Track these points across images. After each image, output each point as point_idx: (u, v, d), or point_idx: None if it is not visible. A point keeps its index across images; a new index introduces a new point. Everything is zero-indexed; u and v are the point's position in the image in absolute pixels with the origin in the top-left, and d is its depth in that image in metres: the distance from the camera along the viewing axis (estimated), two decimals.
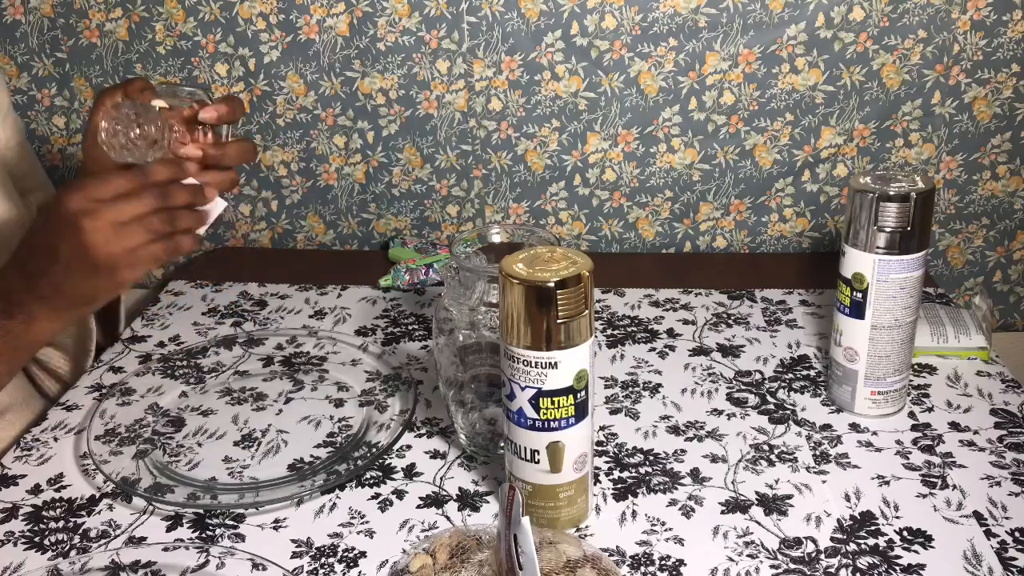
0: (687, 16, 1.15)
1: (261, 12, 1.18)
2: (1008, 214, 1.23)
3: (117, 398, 0.92)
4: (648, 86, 1.18)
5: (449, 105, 1.21)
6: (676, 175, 1.23)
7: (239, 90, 1.22)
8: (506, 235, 0.81)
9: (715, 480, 0.78)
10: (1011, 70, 1.15)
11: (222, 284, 1.17)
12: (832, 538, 0.71)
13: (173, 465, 0.82)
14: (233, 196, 1.29)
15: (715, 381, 0.93)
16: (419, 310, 1.10)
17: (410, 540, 0.73)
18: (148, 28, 1.20)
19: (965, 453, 0.81)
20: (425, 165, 1.25)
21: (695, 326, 1.04)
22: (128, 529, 0.75)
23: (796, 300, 1.09)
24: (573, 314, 0.66)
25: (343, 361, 0.98)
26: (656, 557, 0.70)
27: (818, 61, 1.16)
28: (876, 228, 0.79)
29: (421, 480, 0.80)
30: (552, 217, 1.27)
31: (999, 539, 0.71)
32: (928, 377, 0.93)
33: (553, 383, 0.67)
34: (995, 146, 1.19)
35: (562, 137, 1.22)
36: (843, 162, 1.21)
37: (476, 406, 0.83)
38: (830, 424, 0.86)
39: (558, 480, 0.71)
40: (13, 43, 1.23)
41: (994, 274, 1.27)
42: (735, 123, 1.19)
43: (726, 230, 1.26)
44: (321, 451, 0.84)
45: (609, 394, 0.91)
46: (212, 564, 0.69)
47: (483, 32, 1.17)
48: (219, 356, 0.99)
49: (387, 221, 1.29)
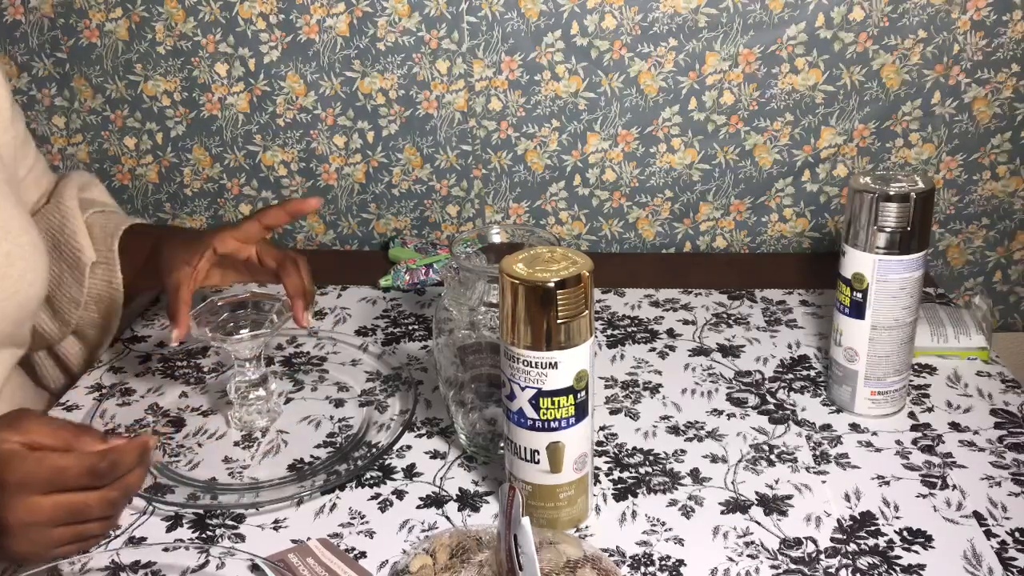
0: (687, 16, 1.15)
1: (261, 12, 1.18)
2: (1008, 214, 1.23)
3: (117, 398, 0.92)
4: (648, 86, 1.18)
5: (449, 105, 1.21)
6: (676, 175, 1.23)
7: (239, 90, 1.22)
8: (506, 235, 0.81)
9: (715, 480, 0.78)
10: (1011, 70, 1.15)
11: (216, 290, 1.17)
12: (832, 538, 0.71)
13: (173, 465, 0.82)
14: (234, 197, 1.29)
15: (715, 381, 0.93)
16: (419, 310, 1.10)
17: (410, 540, 0.73)
18: (148, 28, 1.20)
19: (965, 453, 0.81)
20: (425, 165, 1.25)
21: (695, 326, 1.04)
22: (128, 529, 0.75)
23: (796, 300, 1.09)
24: (573, 314, 0.66)
25: (343, 361, 0.98)
26: (656, 557, 0.70)
27: (818, 61, 1.16)
28: (876, 228, 0.79)
29: (421, 480, 0.80)
30: (552, 217, 1.27)
31: (999, 539, 0.71)
32: (928, 377, 0.93)
33: (553, 383, 0.67)
34: (995, 146, 1.19)
35: (562, 137, 1.22)
36: (843, 162, 1.21)
37: (476, 406, 0.83)
38: (830, 424, 0.86)
39: (558, 480, 0.71)
40: (13, 43, 1.23)
41: (994, 274, 1.27)
42: (735, 123, 1.20)
43: (726, 230, 1.26)
44: (321, 451, 0.84)
45: (609, 394, 0.91)
46: (212, 564, 0.69)
47: (483, 32, 1.17)
48: (219, 356, 0.99)
49: (387, 221, 1.29)
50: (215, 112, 1.24)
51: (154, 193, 1.30)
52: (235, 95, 1.23)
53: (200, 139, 1.26)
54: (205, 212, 1.31)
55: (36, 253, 0.87)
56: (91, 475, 0.65)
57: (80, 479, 0.65)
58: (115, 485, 0.67)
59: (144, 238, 0.95)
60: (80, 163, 1.29)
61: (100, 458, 0.65)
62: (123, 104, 1.25)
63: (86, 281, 0.94)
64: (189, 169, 1.28)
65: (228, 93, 1.23)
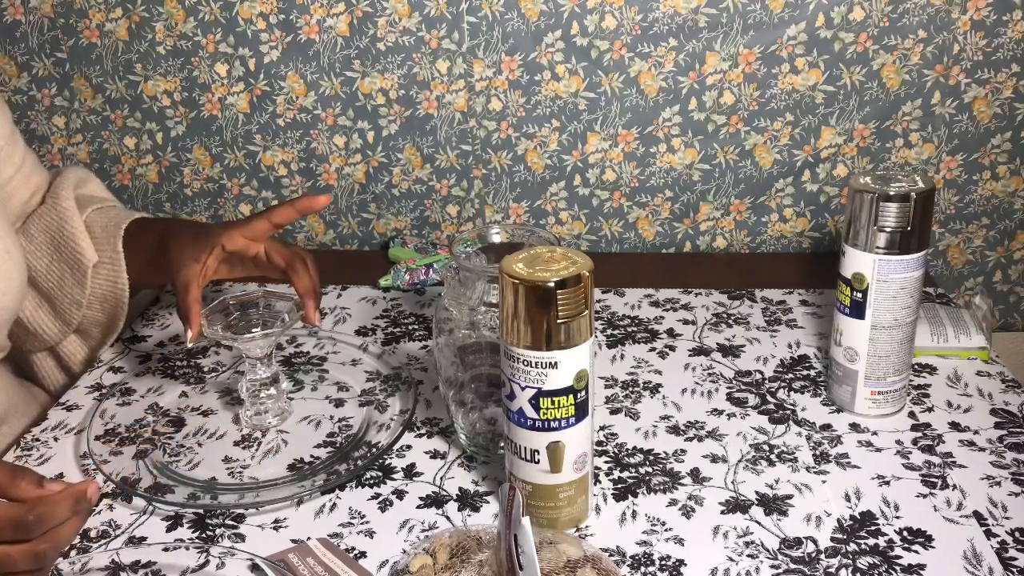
0: (687, 16, 1.15)
1: (261, 12, 1.18)
2: (1008, 214, 1.23)
3: (117, 398, 0.92)
4: (648, 86, 1.18)
5: (449, 105, 1.21)
6: (676, 175, 1.23)
7: (239, 90, 1.22)
8: (506, 235, 0.81)
9: (715, 480, 0.78)
10: (1011, 70, 1.15)
11: (222, 284, 1.17)
12: (832, 538, 0.71)
13: (173, 465, 0.82)
14: (234, 196, 1.29)
15: (715, 381, 0.93)
16: (419, 310, 1.10)
17: (410, 540, 0.73)
18: (148, 28, 1.20)
19: (965, 453, 0.81)
20: (425, 165, 1.25)
21: (695, 326, 1.04)
22: (128, 529, 0.75)
23: (796, 300, 1.09)
24: (573, 314, 0.66)
25: (343, 361, 0.98)
26: (656, 557, 0.70)
27: (818, 61, 1.16)
28: (876, 228, 0.79)
29: (421, 480, 0.80)
30: (552, 217, 1.27)
31: (999, 539, 0.71)
32: (928, 377, 0.93)
33: (553, 383, 0.67)
34: (995, 146, 1.19)
35: (562, 137, 1.22)
36: (843, 162, 1.21)
37: (476, 406, 0.83)
38: (830, 424, 0.86)
39: (558, 480, 0.71)
40: (13, 43, 1.23)
41: (994, 274, 1.27)
42: (735, 123, 1.20)
43: (726, 230, 1.26)
44: (321, 451, 0.84)
45: (609, 394, 0.91)
46: (212, 564, 0.69)
47: (483, 32, 1.17)
48: (219, 356, 0.99)
49: (387, 221, 1.29)
50: (215, 112, 1.24)
51: (154, 193, 1.30)
52: (235, 95, 1.23)
53: (200, 139, 1.26)
54: (205, 212, 1.31)
55: (10, 260, 0.85)
56: (15, 527, 0.61)
57: (3, 531, 0.61)
58: (45, 537, 0.62)
59: (149, 232, 0.94)
60: (80, 163, 1.29)
61: (27, 510, 0.62)
62: (123, 104, 1.25)
63: (88, 282, 0.94)
64: (189, 169, 1.28)
65: (228, 93, 1.23)
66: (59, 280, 0.95)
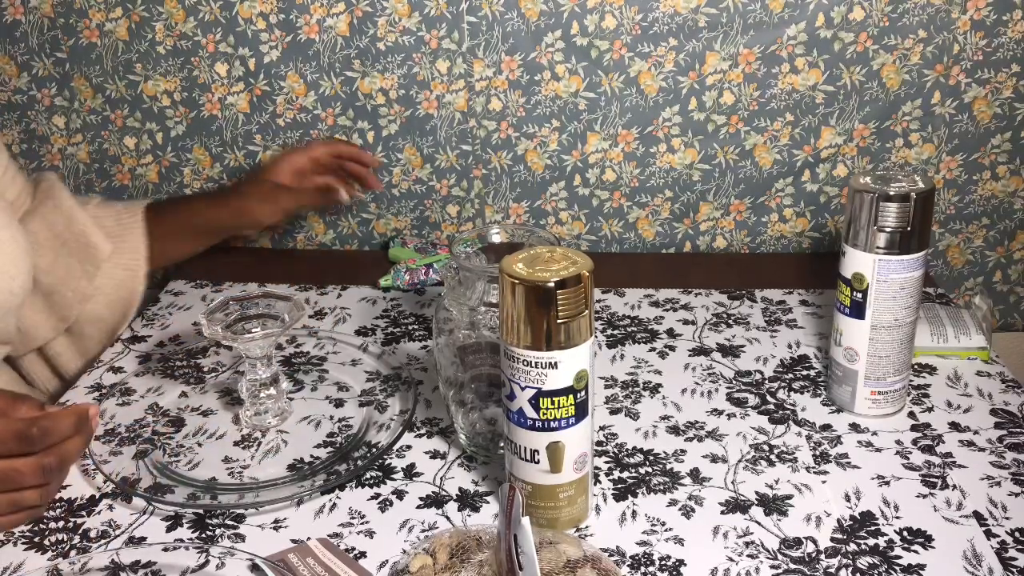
0: (687, 16, 1.15)
1: (261, 12, 1.18)
2: (1008, 214, 1.23)
3: (117, 398, 0.92)
4: (648, 86, 1.18)
5: (449, 105, 1.21)
6: (676, 175, 1.23)
7: (239, 90, 1.22)
8: (506, 235, 0.81)
9: (715, 480, 0.78)
10: (1011, 70, 1.15)
11: (222, 284, 1.17)
12: (832, 538, 0.71)
13: (173, 465, 0.82)
14: None
15: (715, 381, 0.93)
16: (419, 310, 1.10)
17: (410, 540, 0.73)
18: (148, 28, 1.20)
19: (965, 453, 0.81)
20: (425, 165, 1.25)
21: (695, 326, 1.04)
22: (128, 529, 0.75)
23: (796, 300, 1.09)
24: (573, 314, 0.66)
25: (343, 361, 0.98)
26: (656, 557, 0.70)
27: (818, 61, 1.16)
28: (876, 228, 0.79)
29: (421, 480, 0.80)
30: (552, 217, 1.27)
31: (999, 539, 0.71)
32: (928, 377, 0.93)
33: (553, 383, 0.67)
34: (995, 146, 1.19)
35: (562, 137, 1.22)
36: (843, 162, 1.21)
37: (476, 406, 0.83)
38: (830, 424, 0.86)
39: (558, 480, 0.71)
40: (13, 43, 1.23)
41: (994, 274, 1.27)
42: (735, 123, 1.19)
43: (726, 230, 1.26)
44: (321, 451, 0.84)
45: (609, 394, 0.91)
46: (212, 564, 0.69)
47: (483, 32, 1.17)
48: (219, 356, 0.99)
49: (387, 221, 1.29)
50: (215, 112, 1.24)
51: (154, 193, 1.30)
52: (235, 95, 1.23)
53: (200, 139, 1.26)
54: None
55: (16, 247, 0.86)
56: (19, 440, 0.63)
57: (8, 444, 0.63)
58: (50, 451, 0.65)
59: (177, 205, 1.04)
60: (80, 163, 1.29)
61: (30, 424, 0.64)
62: (123, 104, 1.25)
63: (98, 274, 0.93)
64: (189, 169, 1.28)
65: (228, 93, 1.23)
66: (64, 275, 0.95)
